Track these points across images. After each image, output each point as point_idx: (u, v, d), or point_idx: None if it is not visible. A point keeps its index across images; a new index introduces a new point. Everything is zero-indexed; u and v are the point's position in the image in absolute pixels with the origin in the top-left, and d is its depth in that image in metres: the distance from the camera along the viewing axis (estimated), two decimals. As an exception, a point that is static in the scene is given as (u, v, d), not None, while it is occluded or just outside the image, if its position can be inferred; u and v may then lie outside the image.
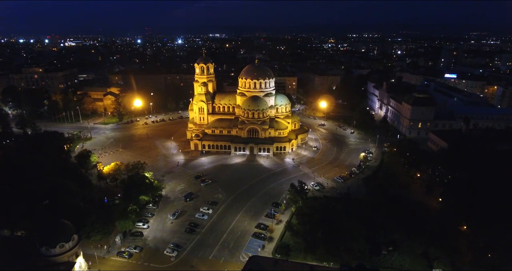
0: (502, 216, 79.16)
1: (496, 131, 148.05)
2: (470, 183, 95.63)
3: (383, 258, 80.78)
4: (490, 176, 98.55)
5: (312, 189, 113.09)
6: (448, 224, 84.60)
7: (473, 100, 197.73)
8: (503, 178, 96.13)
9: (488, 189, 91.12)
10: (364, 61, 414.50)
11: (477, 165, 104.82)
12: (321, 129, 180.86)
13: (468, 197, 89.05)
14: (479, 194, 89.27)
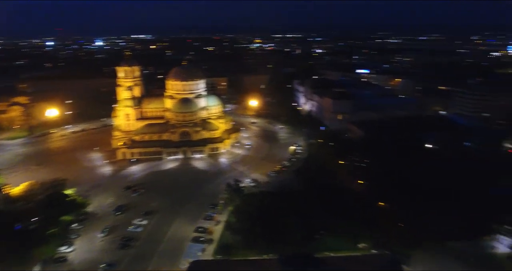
0: (415, 192, 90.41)
1: (402, 118, 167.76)
2: (386, 165, 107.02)
3: (317, 243, 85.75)
4: (402, 157, 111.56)
5: (248, 186, 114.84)
6: (369, 203, 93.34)
7: (382, 92, 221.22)
8: (412, 158, 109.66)
9: (402, 168, 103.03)
10: (289, 60, 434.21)
11: (390, 150, 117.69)
12: (253, 127, 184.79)
13: (385, 177, 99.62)
14: (395, 174, 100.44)
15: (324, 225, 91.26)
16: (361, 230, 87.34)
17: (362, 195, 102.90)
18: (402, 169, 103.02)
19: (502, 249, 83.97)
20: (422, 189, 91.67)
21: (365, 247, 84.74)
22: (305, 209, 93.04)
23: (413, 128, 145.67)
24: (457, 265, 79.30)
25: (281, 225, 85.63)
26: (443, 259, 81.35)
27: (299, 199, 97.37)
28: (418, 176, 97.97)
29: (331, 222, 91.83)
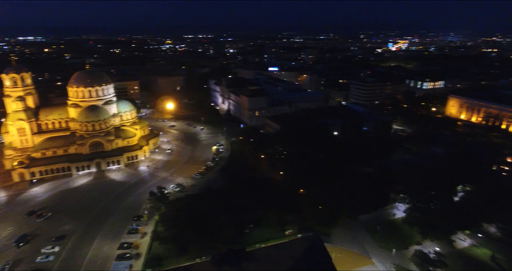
0: (327, 175, 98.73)
1: (311, 110, 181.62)
2: (301, 154, 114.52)
3: (247, 236, 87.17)
4: (314, 145, 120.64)
5: (173, 191, 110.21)
6: (291, 191, 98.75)
7: (292, 88, 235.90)
8: (322, 146, 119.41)
9: (315, 155, 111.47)
10: (203, 60, 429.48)
11: (304, 140, 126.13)
12: (172, 131, 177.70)
13: (302, 165, 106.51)
14: (310, 161, 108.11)
15: (252, 218, 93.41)
16: (287, 217, 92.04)
17: (284, 184, 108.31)
18: (315, 156, 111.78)
19: (399, 214, 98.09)
20: (332, 172, 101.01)
21: (291, 232, 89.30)
22: (233, 205, 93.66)
23: (321, 118, 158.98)
24: (367, 234, 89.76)
25: (211, 225, 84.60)
26: (356, 231, 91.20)
27: (226, 196, 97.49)
28: (328, 161, 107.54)
29: (258, 214, 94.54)
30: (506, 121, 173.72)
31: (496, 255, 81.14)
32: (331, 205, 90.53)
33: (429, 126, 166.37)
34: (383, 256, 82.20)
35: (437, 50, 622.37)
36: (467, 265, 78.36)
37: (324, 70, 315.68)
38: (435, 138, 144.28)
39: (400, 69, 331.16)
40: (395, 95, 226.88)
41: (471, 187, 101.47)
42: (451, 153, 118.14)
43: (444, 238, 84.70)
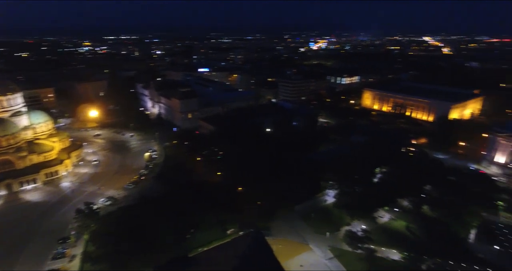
0: (263, 171, 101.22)
1: (244, 109, 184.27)
2: (237, 152, 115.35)
3: (189, 242, 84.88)
4: (248, 143, 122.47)
5: (104, 205, 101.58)
6: (230, 190, 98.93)
7: (224, 88, 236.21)
8: (256, 143, 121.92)
9: (249, 153, 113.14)
10: (128, 63, 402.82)
11: (238, 138, 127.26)
12: (98, 140, 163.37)
13: (238, 163, 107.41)
14: (245, 159, 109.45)
15: (193, 222, 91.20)
16: (228, 217, 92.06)
17: (222, 184, 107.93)
18: (250, 154, 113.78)
19: (330, 200, 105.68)
20: (267, 168, 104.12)
21: (233, 231, 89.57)
22: (172, 212, 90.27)
23: (253, 116, 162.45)
24: (303, 222, 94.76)
25: (149, 235, 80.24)
26: (294, 221, 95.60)
27: (163, 203, 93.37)
28: (262, 157, 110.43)
29: (199, 218, 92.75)
30: (409, 109, 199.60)
31: (409, 225, 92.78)
32: (268, 200, 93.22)
33: (349, 117, 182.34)
34: (318, 240, 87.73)
35: (352, 49, 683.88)
36: (388, 236, 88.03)
37: (253, 69, 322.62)
38: (355, 127, 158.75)
39: (321, 67, 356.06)
40: (319, 91, 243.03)
41: (386, 168, 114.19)
42: (368, 140, 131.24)
43: (368, 216, 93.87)
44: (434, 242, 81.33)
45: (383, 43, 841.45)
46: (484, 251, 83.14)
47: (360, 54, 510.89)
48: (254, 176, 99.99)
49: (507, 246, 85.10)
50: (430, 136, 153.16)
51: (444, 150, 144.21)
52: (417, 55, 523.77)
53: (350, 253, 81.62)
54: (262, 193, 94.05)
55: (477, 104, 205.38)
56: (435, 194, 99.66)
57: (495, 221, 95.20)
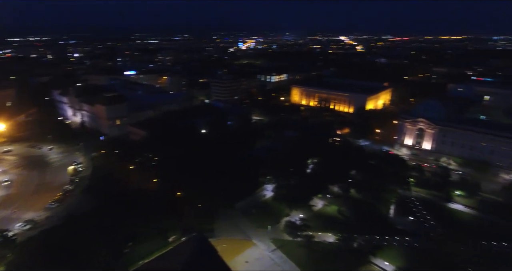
0: (200, 173, 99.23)
1: (176, 111, 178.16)
2: (172, 156, 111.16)
3: (128, 256, 79.25)
4: (183, 146, 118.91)
5: (21, 230, 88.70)
6: (168, 196, 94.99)
7: (154, 91, 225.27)
8: (191, 145, 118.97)
9: (185, 156, 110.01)
10: (39, 67, 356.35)
11: (173, 142, 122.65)
12: (9, 157, 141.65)
13: (174, 168, 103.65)
14: (181, 162, 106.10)
15: (130, 234, 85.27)
16: (168, 224, 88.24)
17: (159, 191, 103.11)
18: (186, 157, 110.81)
19: (269, 194, 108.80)
20: (205, 169, 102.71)
21: (175, 238, 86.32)
22: (105, 227, 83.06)
23: (187, 118, 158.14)
24: (245, 219, 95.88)
25: (80, 257, 72.55)
26: (236, 219, 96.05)
27: (95, 219, 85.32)
28: (199, 159, 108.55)
29: (136, 229, 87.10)
30: (333, 103, 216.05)
31: (341, 208, 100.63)
32: (208, 201, 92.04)
33: (280, 113, 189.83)
34: (261, 234, 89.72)
35: (278, 48, 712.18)
36: (324, 221, 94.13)
37: (184, 70, 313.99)
38: (286, 123, 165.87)
39: (251, 66, 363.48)
40: (250, 90, 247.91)
41: (317, 159, 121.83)
42: (299, 134, 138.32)
43: (305, 206, 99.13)
44: (362, 221, 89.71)
45: (306, 42, 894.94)
46: (402, 223, 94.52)
47: (286, 53, 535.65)
48: (192, 179, 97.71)
49: (419, 216, 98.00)
50: (351, 126, 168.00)
51: (364, 137, 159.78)
52: (336, 53, 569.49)
53: (291, 242, 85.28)
54: (202, 195, 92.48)
55: (387, 95, 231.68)
56: (359, 177, 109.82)
57: (409, 195, 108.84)
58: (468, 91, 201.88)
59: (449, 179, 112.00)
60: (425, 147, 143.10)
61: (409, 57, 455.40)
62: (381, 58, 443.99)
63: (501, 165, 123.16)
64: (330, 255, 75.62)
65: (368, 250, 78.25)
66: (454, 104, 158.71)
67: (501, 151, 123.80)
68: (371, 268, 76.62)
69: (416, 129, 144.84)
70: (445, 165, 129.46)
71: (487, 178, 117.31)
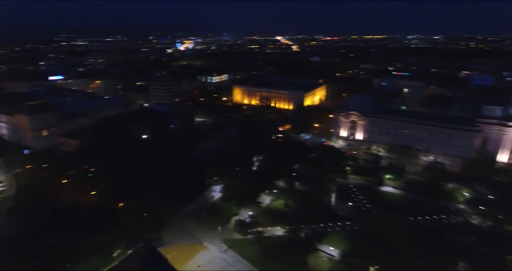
0: (144, 181, 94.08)
1: (113, 118, 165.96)
2: (111, 166, 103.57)
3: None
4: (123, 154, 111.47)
5: None
6: (110, 209, 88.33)
7: (85, 96, 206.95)
8: (132, 152, 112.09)
9: (126, 164, 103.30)
10: None
11: (111, 150, 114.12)
12: None
13: (115, 177, 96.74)
14: (122, 170, 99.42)
15: (67, 254, 77.34)
16: (111, 238, 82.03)
17: (99, 204, 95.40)
18: (126, 164, 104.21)
19: (217, 195, 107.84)
20: (148, 175, 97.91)
21: (120, 252, 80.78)
22: (37, 250, 74.06)
23: (125, 124, 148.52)
24: (194, 223, 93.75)
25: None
26: (184, 223, 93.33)
27: (22, 243, 75.48)
28: (141, 165, 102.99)
29: (75, 247, 79.36)
30: (273, 101, 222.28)
31: (287, 202, 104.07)
32: (155, 208, 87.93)
33: (223, 114, 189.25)
34: (212, 236, 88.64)
35: (217, 49, 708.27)
36: (272, 216, 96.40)
37: (119, 74, 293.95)
38: (230, 122, 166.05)
39: (191, 67, 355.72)
40: (192, 91, 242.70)
41: (262, 156, 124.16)
42: (243, 133, 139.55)
43: (253, 203, 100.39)
44: (307, 211, 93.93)
45: (244, 42, 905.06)
46: (342, 209, 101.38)
47: (226, 54, 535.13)
48: (135, 187, 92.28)
49: (356, 201, 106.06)
50: (292, 122, 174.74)
51: (304, 132, 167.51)
52: (274, 53, 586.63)
53: (242, 240, 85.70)
54: (147, 203, 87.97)
55: (322, 92, 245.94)
56: (302, 170, 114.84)
57: (347, 183, 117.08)
58: (390, 85, 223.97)
59: (380, 165, 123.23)
60: (358, 137, 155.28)
61: (339, 56, 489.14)
62: (315, 56, 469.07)
63: (420, 149, 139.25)
64: (280, 248, 77.65)
65: (314, 239, 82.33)
66: (380, 97, 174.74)
67: (420, 136, 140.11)
68: (318, 255, 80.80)
69: (349, 121, 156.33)
70: (376, 152, 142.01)
71: (410, 161, 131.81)
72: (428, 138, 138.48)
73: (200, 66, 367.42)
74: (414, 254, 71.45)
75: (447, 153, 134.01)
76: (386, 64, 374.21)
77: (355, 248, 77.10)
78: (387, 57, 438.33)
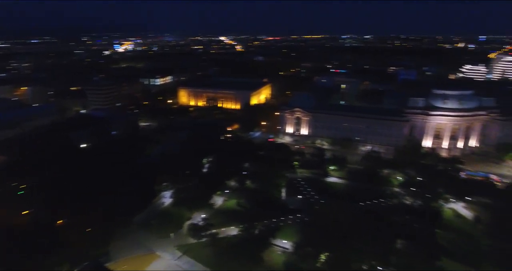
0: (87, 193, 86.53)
1: (44, 127, 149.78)
2: (48, 180, 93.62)
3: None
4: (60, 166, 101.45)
5: None
6: (45, 227, 79.83)
7: (9, 105, 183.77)
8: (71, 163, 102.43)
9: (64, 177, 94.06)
10: None
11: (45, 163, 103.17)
12: None
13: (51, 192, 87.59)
14: (61, 185, 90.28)
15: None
16: (51, 260, 74.01)
17: (33, 224, 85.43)
18: (64, 177, 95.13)
19: (168, 201, 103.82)
20: (91, 186, 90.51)
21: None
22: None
23: (60, 133, 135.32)
24: (145, 232, 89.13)
25: None
26: (134, 234, 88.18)
27: None
28: (81, 177, 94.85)
29: None
30: (220, 101, 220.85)
31: (239, 201, 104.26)
32: (99, 222, 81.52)
33: (169, 116, 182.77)
34: (164, 244, 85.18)
35: (159, 49, 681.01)
36: (226, 217, 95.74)
37: (49, 79, 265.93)
38: (177, 125, 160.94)
39: (132, 69, 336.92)
40: (134, 95, 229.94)
41: (211, 157, 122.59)
42: (191, 135, 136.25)
43: (206, 205, 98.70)
44: (259, 208, 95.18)
45: (187, 43, 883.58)
46: (292, 202, 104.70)
47: (169, 55, 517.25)
48: (76, 201, 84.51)
49: (305, 193, 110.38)
50: (240, 121, 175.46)
51: (252, 130, 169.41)
52: (218, 53, 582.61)
53: (197, 244, 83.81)
54: (90, 217, 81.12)
55: (267, 90, 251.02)
56: (252, 168, 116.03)
57: (295, 177, 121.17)
58: (330, 82, 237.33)
59: (324, 157, 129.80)
60: (303, 133, 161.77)
61: (281, 55, 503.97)
62: (258, 56, 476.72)
63: (359, 140, 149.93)
64: (235, 247, 77.46)
65: (268, 234, 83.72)
66: (321, 94, 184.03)
67: (358, 128, 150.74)
68: (272, 249, 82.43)
69: (294, 118, 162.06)
70: (320, 146, 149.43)
71: (351, 152, 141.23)
72: (365, 129, 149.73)
73: (142, 68, 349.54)
74: (359, 238, 76.72)
75: (381, 142, 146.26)
76: (325, 63, 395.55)
77: (306, 239, 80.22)
78: (325, 56, 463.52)
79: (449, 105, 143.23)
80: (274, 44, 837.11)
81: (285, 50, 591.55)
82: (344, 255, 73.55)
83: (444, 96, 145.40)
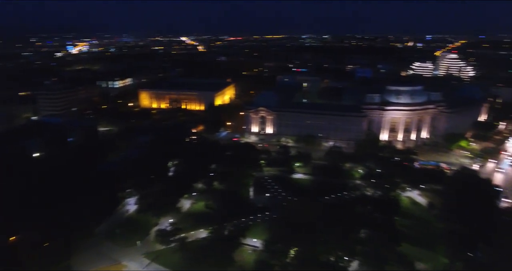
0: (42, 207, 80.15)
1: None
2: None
3: None
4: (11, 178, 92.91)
5: None
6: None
7: None
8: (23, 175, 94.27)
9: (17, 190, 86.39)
10: None
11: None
12: None
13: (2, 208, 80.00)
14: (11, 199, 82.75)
15: None
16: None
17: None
18: (15, 190, 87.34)
19: (132, 208, 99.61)
20: (44, 199, 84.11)
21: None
22: None
23: (8, 143, 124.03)
24: (109, 242, 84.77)
25: None
26: (98, 245, 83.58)
27: None
28: (35, 188, 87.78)
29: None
30: (184, 102, 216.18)
31: (207, 202, 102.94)
32: (57, 236, 76.08)
33: (131, 120, 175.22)
34: (131, 253, 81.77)
35: (117, 51, 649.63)
36: (194, 220, 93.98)
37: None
38: (139, 129, 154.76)
39: (87, 72, 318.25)
40: (91, 99, 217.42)
41: (177, 160, 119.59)
42: (154, 139, 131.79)
43: (173, 209, 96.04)
44: (227, 209, 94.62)
45: (147, 44, 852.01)
46: (260, 201, 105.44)
47: (127, 56, 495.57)
48: (29, 215, 78.02)
49: (273, 191, 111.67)
50: (205, 122, 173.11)
51: (217, 131, 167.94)
52: (180, 54, 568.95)
53: (165, 250, 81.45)
54: (47, 231, 75.45)
55: (231, 90, 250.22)
56: (219, 169, 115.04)
57: (262, 175, 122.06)
58: (292, 81, 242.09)
59: (290, 154, 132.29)
60: (268, 131, 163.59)
61: (244, 55, 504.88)
62: (221, 56, 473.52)
63: (322, 136, 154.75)
64: (205, 250, 76.26)
65: (237, 234, 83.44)
66: (284, 93, 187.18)
67: (320, 125, 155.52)
68: (243, 249, 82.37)
69: (259, 117, 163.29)
70: (285, 143, 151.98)
71: (315, 148, 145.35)
72: (327, 126, 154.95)
73: (99, 71, 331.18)
74: (325, 231, 79.19)
75: (342, 137, 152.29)
76: (287, 62, 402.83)
77: (276, 236, 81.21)
78: (286, 55, 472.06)
79: (402, 100, 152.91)
80: (236, 44, 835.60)
81: (248, 50, 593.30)
82: (312, 248, 75.55)
83: (397, 92, 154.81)
